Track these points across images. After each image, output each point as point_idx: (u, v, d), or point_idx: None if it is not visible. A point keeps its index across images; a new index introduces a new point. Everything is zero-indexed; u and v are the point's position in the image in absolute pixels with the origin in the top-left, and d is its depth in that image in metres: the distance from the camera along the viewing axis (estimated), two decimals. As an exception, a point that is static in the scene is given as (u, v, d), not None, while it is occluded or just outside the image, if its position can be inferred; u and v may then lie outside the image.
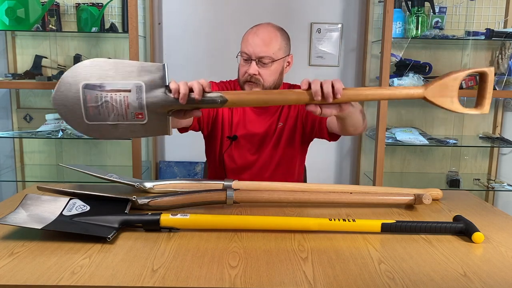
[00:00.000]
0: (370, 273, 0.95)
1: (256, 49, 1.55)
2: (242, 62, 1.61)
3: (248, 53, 1.57)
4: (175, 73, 2.86)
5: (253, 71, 1.56)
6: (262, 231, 1.16)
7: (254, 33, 1.58)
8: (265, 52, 1.55)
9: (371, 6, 2.76)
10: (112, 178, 1.46)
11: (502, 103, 2.85)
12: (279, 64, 1.61)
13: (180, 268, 0.95)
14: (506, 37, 2.59)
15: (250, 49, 1.56)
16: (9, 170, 2.87)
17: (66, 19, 2.75)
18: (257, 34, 1.57)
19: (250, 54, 1.56)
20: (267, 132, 1.71)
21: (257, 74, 1.57)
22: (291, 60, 1.69)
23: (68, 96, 1.11)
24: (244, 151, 1.72)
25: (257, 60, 1.56)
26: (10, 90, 2.79)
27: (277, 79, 1.63)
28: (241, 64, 1.62)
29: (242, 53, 1.59)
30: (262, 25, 1.61)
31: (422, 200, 1.38)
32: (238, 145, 1.71)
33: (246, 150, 1.72)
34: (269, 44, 1.56)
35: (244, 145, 1.71)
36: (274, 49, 1.57)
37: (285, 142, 1.72)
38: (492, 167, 2.93)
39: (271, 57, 1.56)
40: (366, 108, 2.87)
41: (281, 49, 1.60)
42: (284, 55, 1.63)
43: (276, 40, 1.58)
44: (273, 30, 1.60)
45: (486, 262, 1.02)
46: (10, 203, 1.33)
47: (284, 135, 1.72)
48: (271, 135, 1.71)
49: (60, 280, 0.88)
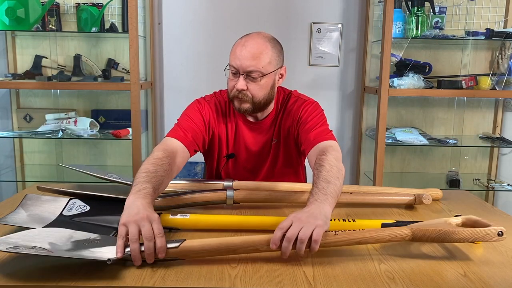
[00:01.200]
0: (370, 273, 0.95)
1: (244, 63, 1.43)
2: (231, 76, 1.50)
3: (236, 67, 1.45)
4: (175, 73, 2.87)
5: (241, 86, 1.45)
6: (262, 231, 1.16)
7: (242, 45, 1.45)
8: (254, 66, 1.43)
9: (371, 6, 2.76)
10: (112, 178, 1.46)
11: (502, 103, 2.85)
12: (270, 78, 1.49)
13: (180, 268, 0.95)
14: (506, 37, 2.59)
15: (238, 63, 1.44)
16: (9, 170, 2.87)
17: (66, 19, 2.74)
18: (245, 46, 1.44)
19: (238, 68, 1.44)
20: (262, 149, 1.65)
21: (245, 89, 1.46)
22: (284, 72, 1.57)
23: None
24: (240, 168, 1.66)
25: (245, 74, 1.45)
26: (10, 90, 2.79)
27: (268, 93, 1.51)
28: (230, 78, 1.50)
29: (230, 66, 1.48)
30: (252, 35, 1.48)
31: (422, 200, 1.38)
32: (235, 163, 1.66)
33: (242, 167, 1.66)
34: (258, 57, 1.44)
35: (240, 163, 1.66)
36: (264, 62, 1.45)
37: (282, 159, 1.66)
38: (492, 167, 2.93)
39: (260, 72, 1.44)
40: (366, 108, 2.88)
41: (271, 63, 1.47)
42: (275, 68, 1.50)
43: (266, 53, 1.45)
44: (263, 42, 1.46)
45: (486, 262, 1.02)
46: (10, 203, 1.33)
47: (280, 152, 1.65)
48: (267, 153, 1.65)
49: (60, 280, 0.88)
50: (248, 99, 1.48)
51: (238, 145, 1.64)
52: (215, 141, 1.62)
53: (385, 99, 2.52)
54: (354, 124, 2.95)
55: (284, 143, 1.63)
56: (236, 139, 1.63)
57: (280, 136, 1.63)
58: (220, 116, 1.62)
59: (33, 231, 1.01)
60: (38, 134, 2.60)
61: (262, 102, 1.52)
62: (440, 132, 2.89)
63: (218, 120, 1.61)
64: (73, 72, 2.70)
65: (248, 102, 1.49)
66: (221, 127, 1.62)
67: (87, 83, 2.57)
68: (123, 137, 2.58)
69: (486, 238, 1.02)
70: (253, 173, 1.67)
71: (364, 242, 1.02)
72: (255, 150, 1.64)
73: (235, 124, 1.62)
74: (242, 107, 1.51)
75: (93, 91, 2.79)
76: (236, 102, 1.51)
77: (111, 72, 2.71)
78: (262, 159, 1.65)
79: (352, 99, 2.92)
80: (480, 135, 2.87)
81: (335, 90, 2.91)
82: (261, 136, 1.64)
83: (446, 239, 1.02)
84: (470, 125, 2.90)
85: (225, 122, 1.62)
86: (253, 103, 1.50)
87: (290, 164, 1.67)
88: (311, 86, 2.87)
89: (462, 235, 1.02)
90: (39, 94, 2.82)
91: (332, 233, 1.00)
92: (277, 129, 1.62)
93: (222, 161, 1.66)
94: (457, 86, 2.62)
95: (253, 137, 1.63)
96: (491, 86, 2.64)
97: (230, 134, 1.64)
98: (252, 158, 1.65)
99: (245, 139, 1.63)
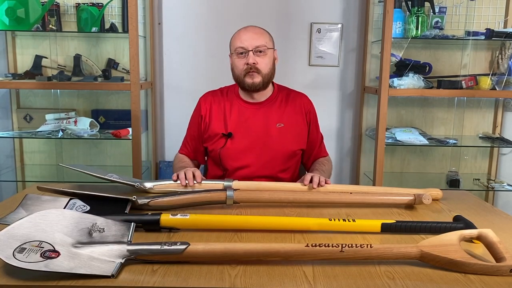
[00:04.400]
0: (370, 273, 0.95)
1: (251, 41, 1.67)
2: (237, 58, 1.70)
3: (244, 46, 1.67)
4: (175, 73, 2.87)
5: (253, 60, 1.66)
6: (262, 231, 1.16)
7: (244, 29, 1.72)
8: (261, 41, 1.68)
9: (371, 6, 2.76)
10: (112, 178, 1.46)
11: (502, 103, 2.85)
12: (272, 53, 1.73)
13: (180, 268, 0.95)
14: (506, 37, 2.58)
15: (246, 43, 1.67)
16: (9, 170, 2.86)
17: (66, 19, 2.74)
18: (247, 29, 1.71)
19: (247, 46, 1.67)
20: (264, 130, 1.74)
21: (256, 63, 1.67)
22: (277, 57, 1.79)
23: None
24: (241, 147, 1.73)
25: (254, 50, 1.67)
26: (10, 90, 2.79)
27: (271, 69, 1.73)
28: (236, 60, 1.71)
29: (236, 49, 1.69)
30: (247, 26, 1.74)
31: (422, 200, 1.38)
32: (233, 142, 1.73)
33: (243, 146, 1.73)
34: (261, 35, 1.70)
35: (241, 142, 1.73)
36: (266, 39, 1.71)
37: (286, 141, 1.75)
38: (492, 167, 2.92)
39: (265, 45, 1.69)
40: (366, 108, 2.88)
41: (270, 41, 1.74)
42: (273, 47, 1.75)
43: (265, 33, 1.73)
44: (259, 28, 1.74)
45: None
46: (10, 203, 1.33)
47: (284, 135, 1.75)
48: (269, 134, 1.74)
49: (60, 280, 0.88)
50: (259, 71, 1.68)
51: (239, 126, 1.74)
52: (213, 124, 1.76)
53: (385, 99, 2.52)
54: (354, 124, 2.95)
55: (291, 128, 1.77)
56: (239, 120, 1.75)
57: (284, 121, 1.77)
58: (218, 102, 1.79)
59: (40, 216, 1.00)
60: (38, 134, 2.60)
61: (269, 76, 1.72)
62: (440, 132, 2.89)
63: (216, 101, 1.79)
64: (73, 72, 2.70)
65: (260, 76, 1.69)
66: (219, 111, 1.77)
67: (87, 83, 2.57)
68: (123, 137, 2.58)
69: (496, 274, 0.95)
70: (252, 154, 1.73)
71: (370, 259, 0.99)
72: (257, 130, 1.74)
73: (237, 106, 1.77)
74: (254, 81, 1.69)
75: (93, 91, 2.79)
76: (248, 78, 1.69)
77: (111, 72, 2.71)
78: (263, 141, 1.73)
79: (352, 99, 2.93)
80: (480, 135, 2.87)
81: (335, 90, 2.91)
82: (261, 116, 1.75)
83: (455, 269, 0.97)
84: (470, 125, 2.90)
85: (224, 104, 1.78)
86: (262, 76, 1.69)
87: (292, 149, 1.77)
88: (311, 86, 2.87)
89: (472, 268, 0.96)
90: (39, 94, 2.82)
91: (338, 249, 0.97)
92: (280, 113, 1.77)
93: (220, 142, 1.74)
94: (457, 86, 2.62)
95: (254, 117, 1.75)
96: (491, 86, 2.64)
97: (230, 116, 1.75)
98: (255, 139, 1.73)
99: (247, 120, 1.75)
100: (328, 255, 0.97)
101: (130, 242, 1.00)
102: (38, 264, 0.88)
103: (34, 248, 0.92)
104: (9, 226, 0.96)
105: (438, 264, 0.98)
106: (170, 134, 2.92)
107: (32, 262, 0.88)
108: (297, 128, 1.78)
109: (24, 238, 0.94)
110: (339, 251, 0.97)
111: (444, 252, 0.98)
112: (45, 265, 0.89)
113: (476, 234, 1.05)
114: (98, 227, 1.02)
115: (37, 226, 0.97)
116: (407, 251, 0.99)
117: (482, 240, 1.05)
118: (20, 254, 0.90)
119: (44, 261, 0.89)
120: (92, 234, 1.00)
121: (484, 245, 1.04)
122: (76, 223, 1.01)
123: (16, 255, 0.90)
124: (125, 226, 1.04)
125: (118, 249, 0.97)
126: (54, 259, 0.91)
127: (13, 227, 0.95)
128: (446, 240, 1.01)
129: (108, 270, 0.91)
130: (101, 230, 1.01)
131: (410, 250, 0.99)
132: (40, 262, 0.89)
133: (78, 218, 1.02)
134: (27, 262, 0.88)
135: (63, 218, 1.01)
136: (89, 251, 0.95)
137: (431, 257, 0.98)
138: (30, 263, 0.88)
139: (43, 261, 0.89)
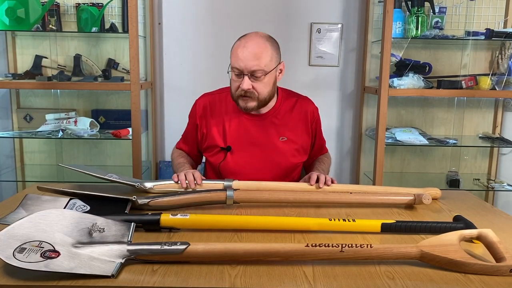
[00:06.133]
0: (370, 273, 0.95)
1: (247, 64, 1.50)
2: (234, 77, 1.56)
3: (240, 68, 1.52)
4: (175, 73, 2.87)
5: (247, 86, 1.53)
6: (262, 231, 1.16)
7: (243, 47, 1.52)
8: (257, 66, 1.51)
9: (371, 6, 2.76)
10: (112, 178, 1.46)
11: (502, 103, 2.85)
12: (272, 75, 1.58)
13: (180, 268, 0.95)
14: (506, 37, 2.58)
15: (242, 64, 1.51)
16: (9, 170, 2.86)
17: (66, 19, 2.74)
18: (246, 47, 1.51)
19: (242, 69, 1.52)
20: (266, 143, 1.67)
21: (251, 88, 1.54)
22: (283, 68, 1.65)
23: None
24: (241, 162, 1.67)
25: (250, 74, 1.52)
26: (10, 90, 2.79)
27: (271, 89, 1.60)
28: (233, 79, 1.57)
29: (233, 68, 1.55)
30: (250, 36, 1.56)
31: (422, 200, 1.38)
32: (233, 156, 1.67)
33: (243, 161, 1.67)
34: (260, 57, 1.51)
35: (242, 157, 1.67)
36: (266, 61, 1.52)
37: (289, 155, 1.69)
38: (492, 167, 2.93)
39: (263, 70, 1.52)
40: (366, 108, 2.88)
41: (272, 60, 1.55)
42: (276, 65, 1.58)
43: (266, 52, 1.53)
44: (262, 41, 1.54)
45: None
46: (10, 203, 1.33)
47: (287, 149, 1.68)
48: (271, 148, 1.67)
49: (60, 280, 0.88)
50: (254, 96, 1.57)
51: (240, 139, 1.67)
52: (210, 136, 1.69)
53: (385, 99, 2.52)
54: (354, 124, 2.95)
55: (295, 142, 1.70)
56: (238, 133, 1.67)
57: (288, 134, 1.69)
58: (215, 111, 1.70)
59: (40, 216, 1.00)
60: (38, 134, 2.60)
61: (267, 99, 1.61)
62: (440, 132, 2.90)
63: (215, 110, 1.69)
64: (73, 72, 2.70)
65: (254, 100, 1.58)
66: (217, 122, 1.68)
67: (87, 83, 2.57)
68: (123, 137, 2.58)
69: (496, 274, 0.95)
70: (252, 167, 1.67)
71: (370, 259, 0.99)
72: (259, 143, 1.67)
73: (237, 117, 1.67)
74: (248, 106, 1.59)
75: (93, 91, 2.79)
76: (241, 102, 1.59)
77: (111, 72, 2.71)
78: (264, 154, 1.67)
79: (352, 99, 2.93)
80: (480, 135, 2.87)
81: (335, 90, 2.91)
82: (264, 129, 1.68)
83: (455, 269, 0.97)
84: (470, 125, 2.90)
85: (223, 117, 1.68)
86: (258, 101, 1.58)
87: (295, 162, 1.71)
88: (311, 86, 2.87)
89: (472, 268, 0.96)
90: (39, 94, 2.82)
91: (339, 249, 0.97)
92: (284, 125, 1.69)
93: (220, 156, 1.68)
94: (457, 86, 2.62)
95: (256, 130, 1.68)
96: (491, 86, 2.64)
97: (230, 128, 1.67)
98: (256, 153, 1.67)
99: (248, 132, 1.67)
100: (328, 255, 0.97)
101: (130, 242, 1.00)
102: (38, 264, 0.88)
103: (34, 248, 0.92)
104: (9, 226, 0.96)
105: (438, 264, 0.98)
106: (170, 134, 2.92)
107: (32, 262, 0.88)
108: (301, 140, 1.71)
109: (24, 238, 0.94)
110: (339, 251, 0.97)
111: (444, 252, 0.98)
112: (45, 265, 0.89)
113: (476, 234, 1.05)
114: (98, 227, 1.02)
115: (37, 226, 0.97)
116: (407, 251, 0.99)
117: (482, 240, 1.05)
118: (20, 254, 0.90)
119: (44, 261, 0.89)
120: (92, 234, 1.00)
121: (484, 245, 1.04)
122: (76, 223, 1.01)
123: (16, 255, 0.89)
124: (125, 226, 1.04)
125: (118, 249, 0.97)
126: (54, 259, 0.91)
127: (13, 227, 0.95)
128: (446, 240, 1.01)
129: (108, 270, 0.91)
130: (101, 230, 1.01)
131: (410, 250, 0.99)
132: (40, 262, 0.89)
133: (78, 218, 1.02)
134: (27, 262, 0.88)
135: (63, 218, 1.01)
136: (89, 251, 0.95)
137: (431, 257, 0.98)
138: (30, 263, 0.88)
139: (43, 261, 0.89)
